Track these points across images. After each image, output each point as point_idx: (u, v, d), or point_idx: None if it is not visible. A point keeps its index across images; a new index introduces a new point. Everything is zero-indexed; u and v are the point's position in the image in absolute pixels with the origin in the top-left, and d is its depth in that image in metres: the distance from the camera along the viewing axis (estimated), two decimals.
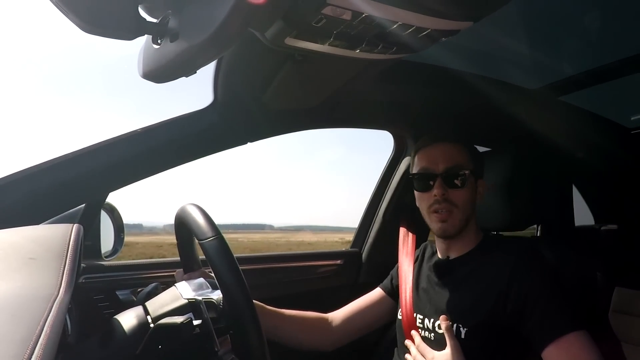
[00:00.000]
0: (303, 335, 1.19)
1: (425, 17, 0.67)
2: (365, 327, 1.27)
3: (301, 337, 1.19)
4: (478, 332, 0.97)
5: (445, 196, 1.05)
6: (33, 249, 0.58)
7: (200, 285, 0.90)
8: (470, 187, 1.07)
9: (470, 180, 1.07)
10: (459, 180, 1.05)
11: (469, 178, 1.07)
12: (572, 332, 0.89)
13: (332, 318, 1.25)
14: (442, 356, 0.97)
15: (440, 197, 1.05)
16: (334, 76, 1.03)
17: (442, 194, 1.05)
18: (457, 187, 1.05)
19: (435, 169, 1.07)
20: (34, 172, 0.96)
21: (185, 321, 0.75)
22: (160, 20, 0.60)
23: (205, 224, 0.82)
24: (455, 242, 1.10)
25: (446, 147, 1.09)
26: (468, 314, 1.00)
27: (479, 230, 1.13)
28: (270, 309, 1.14)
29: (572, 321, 0.91)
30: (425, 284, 1.15)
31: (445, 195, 1.05)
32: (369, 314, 1.27)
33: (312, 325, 1.22)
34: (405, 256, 1.28)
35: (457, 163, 1.06)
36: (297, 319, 1.19)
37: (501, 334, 0.97)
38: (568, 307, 0.93)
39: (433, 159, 1.08)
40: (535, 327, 0.93)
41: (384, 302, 1.27)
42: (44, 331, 0.41)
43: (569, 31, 1.19)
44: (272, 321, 1.12)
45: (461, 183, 1.06)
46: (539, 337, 0.92)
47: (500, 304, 0.97)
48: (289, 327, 1.17)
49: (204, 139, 1.16)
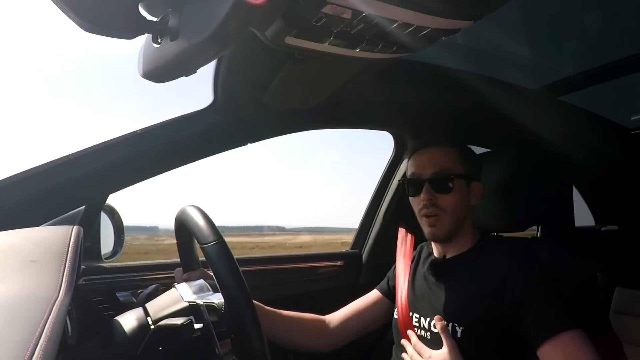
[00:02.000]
0: (300, 335, 1.19)
1: (425, 16, 0.67)
2: (362, 329, 1.27)
3: (298, 337, 1.19)
4: (474, 331, 0.98)
5: (432, 201, 1.07)
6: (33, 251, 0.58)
7: (200, 287, 0.89)
8: (460, 191, 1.07)
9: (459, 184, 1.07)
10: (446, 185, 1.06)
11: (458, 182, 1.07)
12: (567, 331, 0.89)
13: (329, 320, 1.25)
14: (439, 355, 0.97)
15: (428, 202, 1.07)
16: (334, 76, 1.03)
17: (429, 198, 1.06)
18: (444, 192, 1.06)
19: (423, 174, 1.09)
20: (34, 174, 0.96)
21: (185, 322, 0.75)
22: (160, 19, 0.59)
23: (206, 227, 0.82)
24: (451, 244, 1.11)
25: (434, 152, 1.10)
26: (464, 313, 1.00)
27: (475, 231, 1.13)
28: (268, 309, 1.14)
29: (568, 320, 0.91)
30: (422, 283, 1.15)
31: (432, 200, 1.06)
32: (366, 316, 1.27)
33: (309, 326, 1.22)
34: (403, 257, 1.29)
35: (444, 168, 1.07)
36: (294, 320, 1.19)
37: (497, 333, 0.98)
38: (564, 306, 0.94)
39: (421, 164, 1.10)
40: (531, 325, 0.93)
41: (381, 303, 1.28)
42: (44, 333, 0.41)
43: (568, 31, 1.19)
44: (269, 321, 1.12)
45: (448, 188, 1.06)
46: (534, 336, 0.93)
47: (496, 303, 0.97)
48: (286, 328, 1.17)
49: (203, 139, 1.16)
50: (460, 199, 1.07)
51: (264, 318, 1.06)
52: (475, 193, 1.11)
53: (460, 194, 1.07)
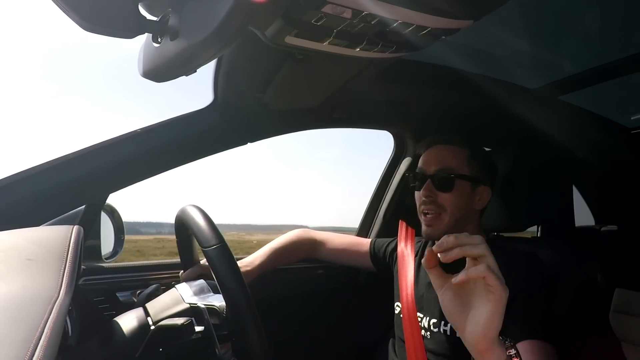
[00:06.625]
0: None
1: (425, 15, 0.67)
2: (340, 262, 1.44)
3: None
4: None
5: (432, 198, 1.07)
6: (33, 251, 0.58)
7: (201, 288, 0.89)
8: (462, 192, 1.06)
9: (462, 185, 1.07)
10: (446, 183, 1.06)
11: (460, 182, 1.06)
12: (535, 340, 0.87)
13: (319, 247, 1.41)
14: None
15: (427, 199, 1.07)
16: (334, 75, 1.03)
17: (429, 195, 1.07)
18: (444, 190, 1.06)
19: (427, 170, 1.09)
20: (34, 173, 0.96)
21: (186, 323, 0.75)
22: (160, 18, 0.59)
23: (208, 230, 0.82)
24: None
25: (441, 150, 1.10)
26: None
27: (481, 234, 1.12)
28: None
29: (541, 330, 0.89)
30: (424, 283, 1.15)
31: (432, 197, 1.07)
32: (348, 258, 1.42)
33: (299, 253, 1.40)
34: (404, 256, 1.28)
35: (447, 166, 1.07)
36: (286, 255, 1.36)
37: None
38: (545, 317, 0.92)
39: (428, 160, 1.11)
40: (507, 326, 0.93)
41: (364, 258, 1.39)
42: (45, 333, 0.40)
43: (569, 30, 1.19)
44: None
45: (449, 186, 1.06)
46: (509, 334, 0.92)
47: None
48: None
49: (204, 139, 1.16)
50: (461, 200, 1.06)
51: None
52: (482, 197, 1.09)
53: (461, 194, 1.06)
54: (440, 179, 1.07)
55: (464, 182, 1.07)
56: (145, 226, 29.98)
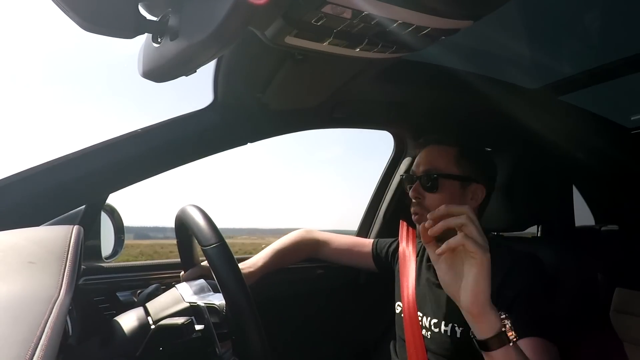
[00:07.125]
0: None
1: (425, 15, 0.67)
2: (343, 262, 1.45)
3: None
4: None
5: (419, 200, 1.07)
6: (34, 251, 0.58)
7: (201, 287, 0.89)
8: (449, 192, 1.05)
9: (449, 185, 1.05)
10: (432, 184, 1.05)
11: (446, 182, 1.05)
12: (532, 337, 0.86)
13: (322, 247, 1.42)
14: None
15: (415, 200, 1.07)
16: (334, 76, 1.03)
17: (416, 196, 1.07)
18: (430, 191, 1.06)
19: (416, 171, 1.09)
20: (34, 173, 0.96)
21: (186, 322, 0.75)
22: (160, 18, 0.59)
23: (208, 229, 0.82)
24: None
25: (430, 151, 1.10)
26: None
27: None
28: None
29: (537, 327, 0.89)
30: (424, 283, 1.15)
31: (419, 199, 1.07)
32: (350, 258, 1.43)
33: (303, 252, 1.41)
34: (407, 248, 1.29)
35: (434, 166, 1.07)
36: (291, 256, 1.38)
37: None
38: (542, 314, 0.92)
39: (418, 161, 1.11)
40: (510, 322, 0.93)
41: (366, 258, 1.39)
42: (45, 332, 0.41)
43: (568, 31, 1.19)
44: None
45: (434, 187, 1.05)
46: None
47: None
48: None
49: (203, 139, 1.16)
50: (448, 200, 1.04)
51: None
52: (475, 196, 1.08)
53: (449, 194, 1.05)
54: (426, 180, 1.06)
55: (451, 182, 1.06)
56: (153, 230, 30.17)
